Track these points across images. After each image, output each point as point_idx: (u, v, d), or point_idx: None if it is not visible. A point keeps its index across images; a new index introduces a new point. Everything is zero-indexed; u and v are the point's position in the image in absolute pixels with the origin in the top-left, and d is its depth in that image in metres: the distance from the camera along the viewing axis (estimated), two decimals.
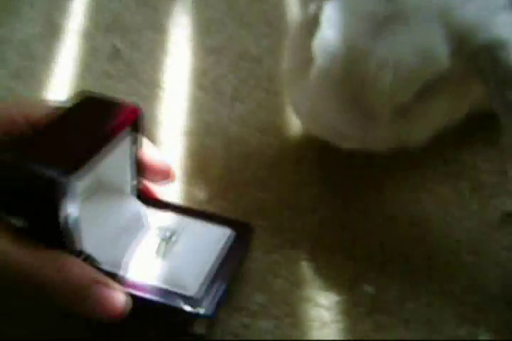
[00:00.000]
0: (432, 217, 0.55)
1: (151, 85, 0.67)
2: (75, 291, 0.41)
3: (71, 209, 0.41)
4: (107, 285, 0.42)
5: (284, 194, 0.57)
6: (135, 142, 0.47)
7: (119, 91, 0.67)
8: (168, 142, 0.62)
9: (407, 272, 0.52)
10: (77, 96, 0.46)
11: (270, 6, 0.78)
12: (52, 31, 0.74)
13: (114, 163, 0.46)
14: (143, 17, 0.75)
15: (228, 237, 0.49)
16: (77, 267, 0.41)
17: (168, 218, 0.50)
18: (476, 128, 0.59)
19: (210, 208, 0.55)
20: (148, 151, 0.50)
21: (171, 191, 0.56)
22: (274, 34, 0.72)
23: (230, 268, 0.47)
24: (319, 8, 0.50)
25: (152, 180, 0.51)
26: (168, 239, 0.47)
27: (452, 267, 0.52)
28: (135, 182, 0.50)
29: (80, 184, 0.41)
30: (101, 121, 0.44)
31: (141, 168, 0.49)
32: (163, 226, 0.49)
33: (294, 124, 0.62)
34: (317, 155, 0.60)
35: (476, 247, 0.53)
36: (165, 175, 0.51)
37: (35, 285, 0.40)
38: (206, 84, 0.67)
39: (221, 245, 0.48)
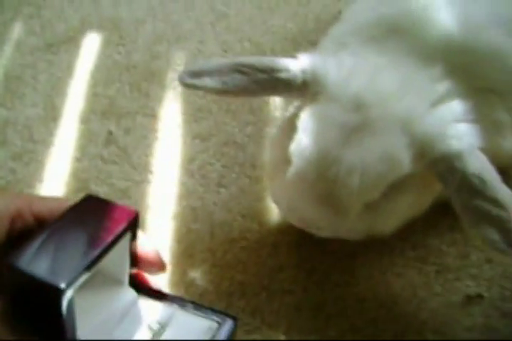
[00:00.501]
0: (400, 299, 0.59)
1: (143, 170, 0.72)
2: None
3: (68, 308, 0.44)
4: None
5: (263, 276, 0.61)
6: (133, 238, 0.50)
7: (112, 174, 0.71)
8: (157, 226, 0.66)
9: None
10: (82, 198, 0.49)
11: None
12: (52, 114, 0.79)
13: (114, 258, 0.48)
14: (136, 103, 0.80)
15: (214, 330, 0.51)
16: None
17: (159, 309, 0.53)
18: (441, 214, 0.62)
19: (195, 290, 0.60)
20: (142, 242, 0.52)
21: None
22: (258, 122, 0.76)
23: None
24: (296, 114, 0.55)
25: (145, 270, 0.54)
26: (158, 331, 0.50)
27: None
28: (130, 272, 0.53)
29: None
30: (103, 224, 0.47)
31: (135, 259, 0.52)
32: (153, 318, 0.52)
33: (274, 210, 0.66)
34: (294, 239, 0.64)
35: (440, 327, 0.57)
36: (158, 266, 0.53)
37: None
38: (193, 170, 0.71)
39: (207, 338, 0.51)
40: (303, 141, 0.52)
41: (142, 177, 0.71)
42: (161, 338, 0.50)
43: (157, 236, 0.64)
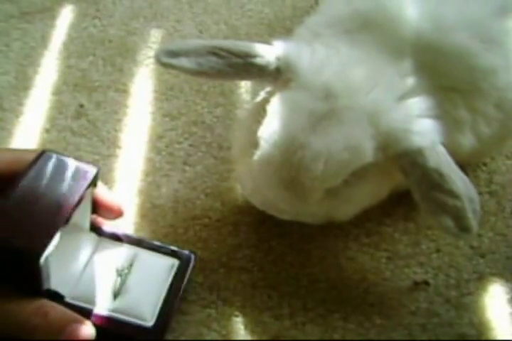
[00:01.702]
0: (351, 282, 0.62)
1: (111, 144, 0.73)
2: (56, 330, 0.48)
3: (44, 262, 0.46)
4: (80, 322, 0.49)
5: (222, 254, 0.63)
6: (93, 189, 0.53)
7: (80, 147, 0.72)
8: (122, 200, 0.66)
9: (325, 332, 0.58)
10: (39, 155, 0.51)
11: None
12: (23, 83, 0.79)
13: (78, 211, 0.51)
14: (109, 77, 0.80)
15: (176, 267, 0.56)
16: (56, 311, 0.49)
17: (121, 250, 0.56)
18: (396, 204, 0.66)
19: None
20: (101, 191, 0.56)
21: None
22: (228, 104, 0.78)
23: (177, 296, 0.55)
24: (266, 99, 0.57)
25: (104, 216, 0.58)
26: (123, 271, 0.55)
27: (364, 328, 0.59)
28: (90, 218, 0.56)
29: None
30: (65, 182, 0.49)
31: (95, 206, 0.56)
32: (117, 260, 0.55)
33: (237, 190, 0.68)
34: (254, 220, 0.66)
35: (386, 311, 0.60)
36: (116, 212, 0.57)
37: (22, 329, 0.48)
38: (161, 148, 0.72)
39: (170, 275, 0.55)
40: (271, 125, 0.54)
41: (110, 151, 0.72)
42: (128, 278, 0.54)
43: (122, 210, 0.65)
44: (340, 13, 0.61)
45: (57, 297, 0.51)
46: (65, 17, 0.88)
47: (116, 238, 0.57)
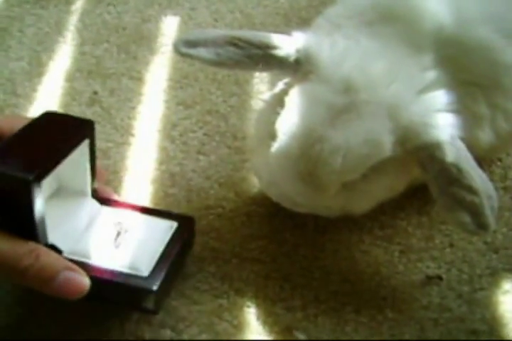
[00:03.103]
0: (363, 275, 0.62)
1: (125, 132, 0.73)
2: (48, 276, 0.48)
3: (38, 207, 0.48)
4: (73, 269, 0.50)
5: (235, 244, 0.63)
6: (92, 150, 0.55)
7: None
8: (135, 188, 0.67)
9: (337, 324, 0.58)
10: (41, 114, 0.54)
11: None
12: (37, 70, 0.80)
13: (73, 166, 0.54)
14: (123, 65, 0.80)
15: (174, 228, 0.57)
16: (49, 256, 0.50)
17: (121, 214, 0.58)
18: (411, 198, 0.66)
19: None
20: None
21: None
22: (242, 94, 0.78)
23: (175, 254, 0.55)
24: (285, 90, 0.57)
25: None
26: (122, 230, 0.56)
27: (376, 322, 0.58)
28: (94, 185, 0.58)
29: (44, 182, 0.48)
30: (61, 132, 0.52)
31: (95, 173, 0.57)
32: (118, 221, 0.57)
33: (251, 181, 0.68)
34: (268, 211, 0.66)
35: (398, 304, 0.60)
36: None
37: (12, 270, 0.48)
38: (175, 136, 0.73)
39: (168, 235, 0.56)
40: (290, 117, 0.54)
41: (123, 139, 0.73)
42: (126, 236, 0.56)
43: (134, 199, 0.66)
44: (361, 4, 0.61)
45: (55, 251, 0.52)
46: (80, 3, 0.88)
47: (116, 205, 0.59)
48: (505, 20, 0.58)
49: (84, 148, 0.53)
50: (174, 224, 0.57)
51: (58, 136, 0.51)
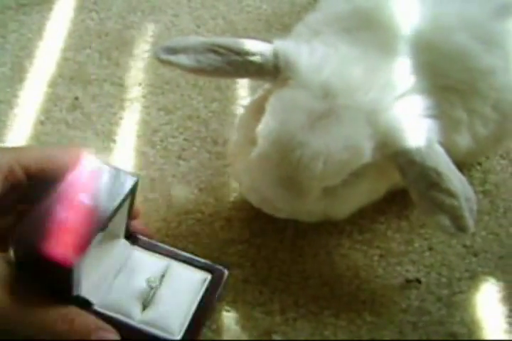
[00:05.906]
0: (343, 278, 0.62)
1: (105, 137, 0.73)
2: (81, 337, 0.47)
3: (76, 276, 0.46)
4: (105, 330, 0.48)
5: (214, 249, 0.63)
6: (132, 198, 0.51)
7: (74, 140, 0.72)
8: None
9: (316, 328, 0.58)
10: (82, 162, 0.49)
11: None
12: (19, 75, 0.79)
13: (115, 219, 0.49)
14: (105, 71, 0.80)
15: (209, 282, 0.54)
16: (81, 317, 0.48)
17: (155, 260, 0.55)
18: (390, 202, 0.66)
19: None
20: None
21: None
22: (223, 99, 0.77)
23: (207, 311, 0.53)
24: (265, 96, 0.57)
25: None
26: (154, 282, 0.52)
27: (356, 326, 0.59)
28: (129, 227, 0.54)
29: None
30: (103, 190, 0.47)
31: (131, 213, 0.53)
32: (149, 270, 0.53)
33: (231, 186, 0.68)
34: (247, 215, 0.66)
35: (377, 308, 0.60)
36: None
37: (42, 332, 0.46)
38: (155, 142, 0.72)
39: (202, 289, 0.53)
40: (270, 123, 0.54)
41: (104, 144, 0.72)
42: (158, 290, 0.52)
43: None
44: (340, 10, 0.61)
45: (86, 304, 0.49)
46: (62, 9, 0.88)
47: (149, 247, 0.55)
48: (481, 26, 0.59)
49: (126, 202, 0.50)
50: (208, 277, 0.54)
51: (98, 198, 0.46)
